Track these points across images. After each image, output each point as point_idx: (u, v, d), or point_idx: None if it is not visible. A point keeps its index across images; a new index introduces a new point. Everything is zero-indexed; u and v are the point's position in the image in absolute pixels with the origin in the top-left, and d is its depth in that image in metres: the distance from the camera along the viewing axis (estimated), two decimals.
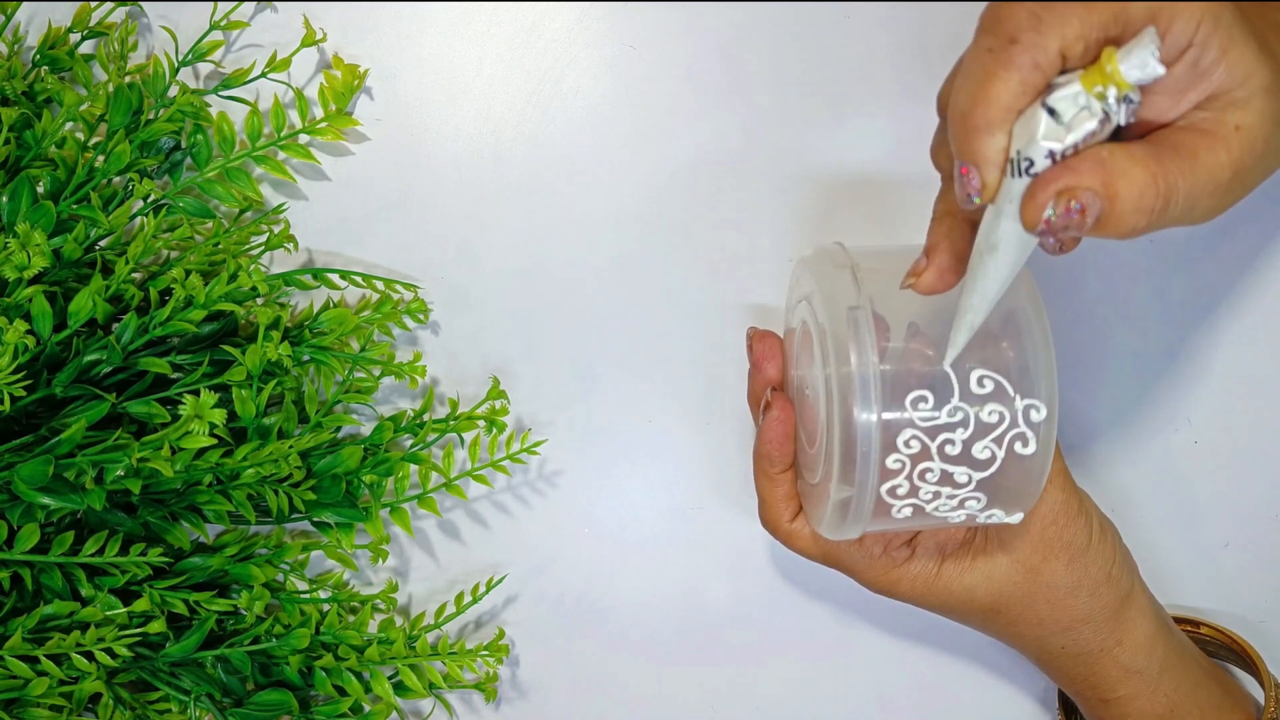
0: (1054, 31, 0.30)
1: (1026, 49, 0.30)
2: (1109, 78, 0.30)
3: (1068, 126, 0.30)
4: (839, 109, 0.51)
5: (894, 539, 0.44)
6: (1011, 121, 0.31)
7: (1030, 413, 0.38)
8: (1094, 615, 0.44)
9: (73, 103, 0.46)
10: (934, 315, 0.39)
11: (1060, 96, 0.30)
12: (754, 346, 0.46)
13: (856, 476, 0.38)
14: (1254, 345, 0.52)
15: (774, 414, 0.44)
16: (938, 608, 0.45)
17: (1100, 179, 0.30)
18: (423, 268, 0.52)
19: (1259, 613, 0.53)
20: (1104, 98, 0.30)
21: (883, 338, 0.39)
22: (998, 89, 0.30)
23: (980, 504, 0.40)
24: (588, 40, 0.51)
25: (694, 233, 0.52)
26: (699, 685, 0.53)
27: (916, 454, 0.38)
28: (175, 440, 0.41)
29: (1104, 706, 0.46)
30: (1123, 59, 0.29)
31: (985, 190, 0.32)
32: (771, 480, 0.45)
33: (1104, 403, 0.52)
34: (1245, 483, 0.53)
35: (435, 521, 0.53)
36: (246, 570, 0.47)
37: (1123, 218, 0.30)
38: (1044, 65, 0.30)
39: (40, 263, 0.42)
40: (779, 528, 0.45)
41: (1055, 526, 0.43)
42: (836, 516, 0.41)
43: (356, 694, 0.48)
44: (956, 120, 0.32)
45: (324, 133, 0.50)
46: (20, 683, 0.42)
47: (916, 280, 0.37)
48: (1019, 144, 0.31)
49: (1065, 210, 0.30)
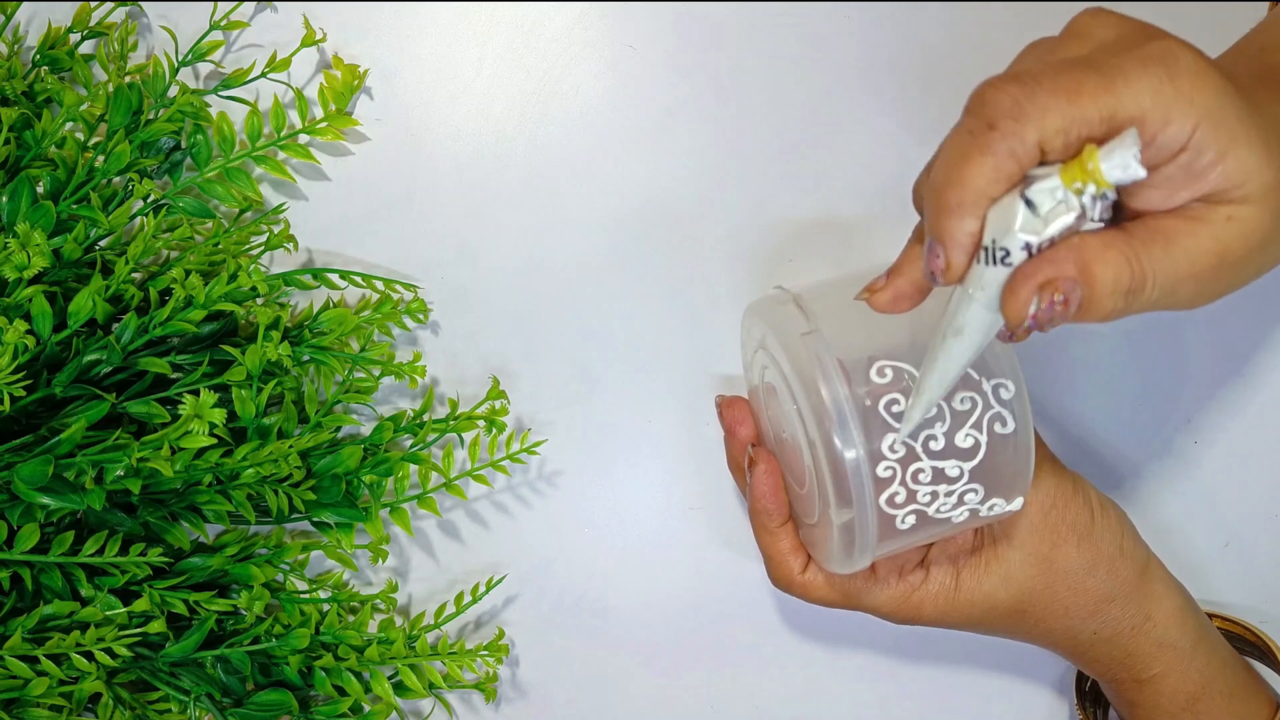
0: (1033, 123, 0.29)
1: (1004, 137, 0.30)
2: (1089, 175, 0.29)
3: (1045, 219, 0.30)
4: (839, 108, 0.51)
5: (907, 563, 0.44)
6: (984, 206, 0.30)
7: (1000, 391, 0.39)
8: (1116, 592, 0.44)
9: (73, 103, 0.46)
10: (887, 332, 0.40)
11: (1039, 189, 0.30)
12: (724, 414, 0.47)
13: (852, 493, 0.39)
14: (1254, 345, 0.52)
15: (760, 468, 0.44)
16: (963, 622, 0.45)
17: (1076, 265, 0.30)
18: (423, 268, 0.52)
19: (1259, 613, 0.53)
20: (1081, 194, 0.29)
21: (841, 356, 0.39)
22: (972, 172, 0.30)
23: (979, 495, 0.40)
24: (588, 40, 0.51)
25: (694, 232, 0.52)
26: (699, 685, 0.53)
27: (904, 457, 0.39)
28: (175, 440, 0.41)
29: (1138, 689, 0.45)
30: (1104, 158, 0.29)
31: (949, 271, 0.31)
32: (773, 535, 0.45)
33: (1104, 403, 0.52)
34: (1245, 483, 0.53)
35: (435, 521, 0.53)
36: (246, 570, 0.47)
37: (1100, 301, 0.30)
38: (1020, 155, 0.30)
39: (40, 263, 0.42)
40: (792, 582, 0.45)
41: (1056, 510, 0.44)
42: (843, 545, 0.41)
43: (356, 694, 0.48)
44: (930, 195, 0.31)
45: (324, 133, 0.50)
46: (20, 683, 0.42)
47: (870, 296, 0.37)
48: (994, 233, 0.30)
49: (1049, 304, 0.30)
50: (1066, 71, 0.30)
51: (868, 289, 0.37)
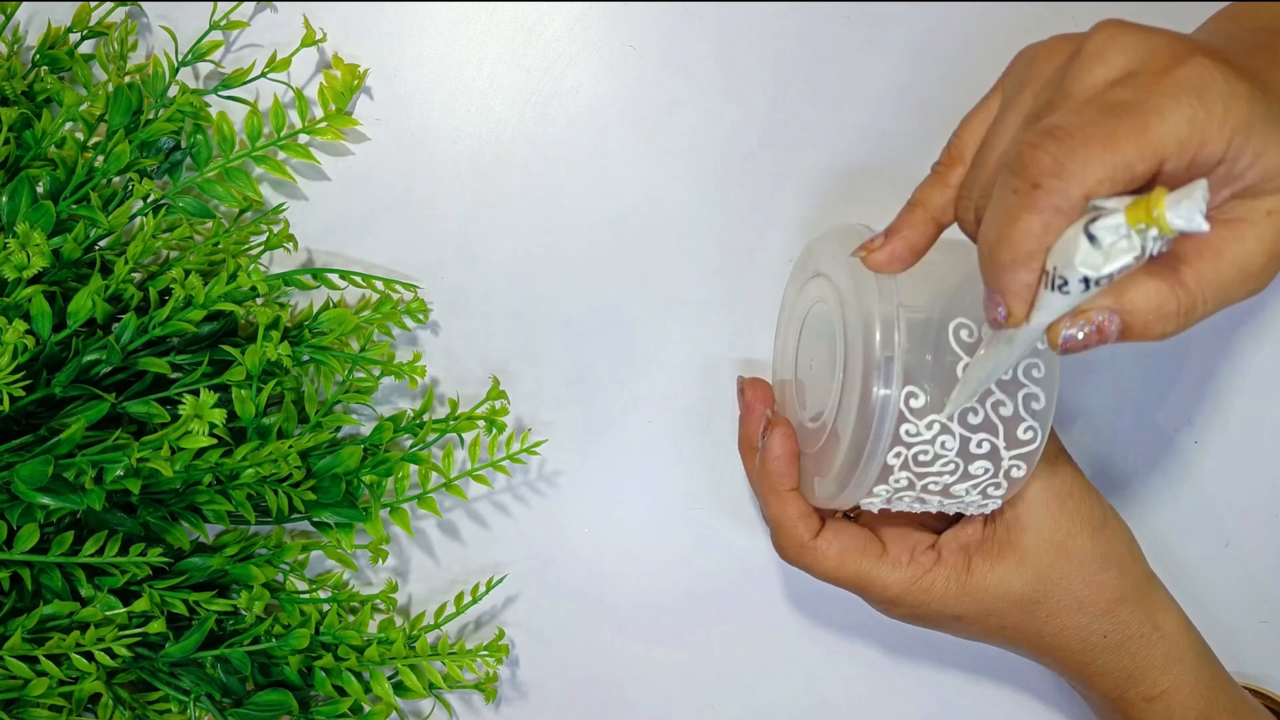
0: (1076, 178, 0.29)
1: (1049, 194, 0.30)
2: (1154, 220, 0.29)
3: (1106, 255, 0.30)
4: (839, 109, 0.51)
5: (918, 544, 0.44)
6: (1038, 259, 0.31)
7: (1032, 371, 0.41)
8: (1128, 592, 0.44)
9: (72, 103, 0.46)
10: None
11: (1103, 226, 0.30)
12: (745, 392, 0.48)
13: (880, 376, 0.40)
14: (1254, 345, 0.52)
15: (778, 430, 0.45)
16: (972, 611, 0.44)
17: (1111, 299, 0.31)
18: (423, 268, 0.52)
19: (1260, 613, 0.53)
20: (1144, 234, 0.29)
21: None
22: (1021, 231, 0.30)
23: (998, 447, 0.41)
24: (588, 40, 0.51)
25: (694, 233, 0.52)
26: (699, 685, 0.53)
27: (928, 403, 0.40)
28: (175, 440, 0.41)
29: (1147, 706, 0.45)
30: (1170, 206, 0.29)
31: (1011, 318, 0.32)
32: (783, 499, 0.45)
33: (1104, 403, 0.52)
34: (1245, 483, 0.53)
35: (435, 521, 0.53)
36: (246, 570, 0.47)
37: (1148, 327, 0.31)
38: (1067, 210, 0.30)
39: (40, 263, 0.42)
40: (803, 548, 0.45)
41: (1072, 500, 0.44)
42: (850, 458, 0.41)
43: (356, 694, 0.48)
44: (984, 251, 0.32)
45: (324, 133, 0.50)
46: (20, 683, 0.42)
47: (867, 255, 0.38)
48: (1056, 260, 0.31)
49: (1078, 330, 0.31)
50: (1100, 120, 0.30)
51: (864, 247, 0.38)
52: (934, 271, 0.41)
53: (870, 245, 0.38)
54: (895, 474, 0.41)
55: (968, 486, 0.42)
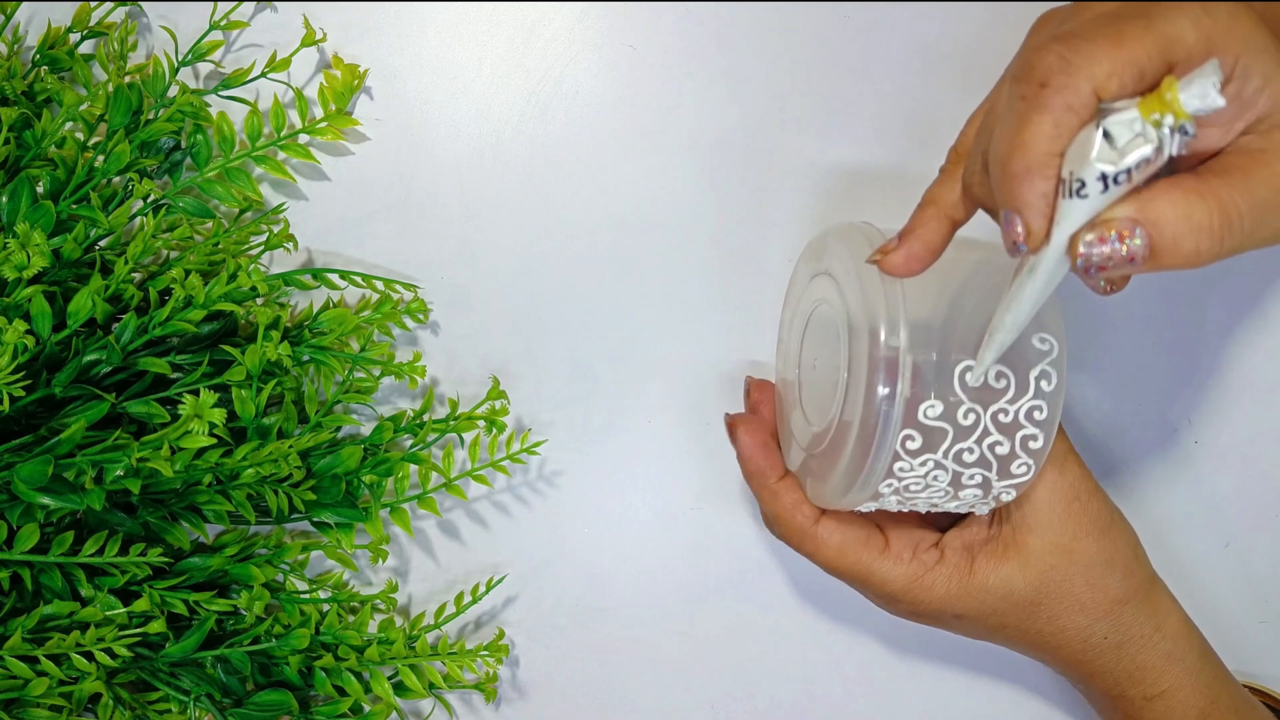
0: (1084, 72, 0.29)
1: (1058, 91, 0.29)
2: (1167, 105, 0.29)
3: (1121, 151, 0.29)
4: (839, 109, 0.51)
5: (921, 542, 0.44)
6: (1054, 166, 0.30)
7: (1047, 348, 0.41)
8: (1131, 595, 0.44)
9: (72, 103, 0.46)
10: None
11: (1116, 120, 0.29)
12: (752, 393, 0.48)
13: (881, 398, 0.39)
14: (1254, 345, 0.52)
15: (741, 428, 0.46)
16: (974, 610, 0.44)
17: (1134, 207, 0.29)
18: (423, 268, 0.52)
19: (1260, 614, 0.53)
20: (1160, 125, 0.29)
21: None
22: (1032, 133, 0.30)
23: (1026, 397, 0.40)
24: (588, 40, 0.51)
25: (694, 232, 0.52)
26: (699, 685, 0.53)
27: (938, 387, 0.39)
28: (175, 440, 0.41)
29: (1147, 705, 0.45)
30: (1183, 88, 0.29)
31: (1031, 238, 0.31)
32: (773, 492, 0.45)
33: (1104, 403, 0.52)
34: (1245, 483, 0.53)
35: (435, 521, 0.53)
36: (246, 570, 0.47)
37: (1178, 242, 0.30)
38: (1077, 107, 0.29)
39: (40, 262, 0.42)
40: (804, 537, 0.45)
41: (1079, 502, 0.43)
42: (857, 453, 0.41)
43: (356, 694, 0.48)
44: (996, 168, 0.31)
45: (324, 133, 0.50)
46: (20, 683, 0.42)
47: (883, 259, 0.37)
48: (1072, 164, 0.30)
49: (1100, 241, 0.30)
50: (1106, 23, 0.30)
51: (880, 250, 0.37)
52: (940, 268, 0.40)
53: (885, 249, 0.37)
54: (896, 475, 0.41)
55: (989, 478, 0.41)
